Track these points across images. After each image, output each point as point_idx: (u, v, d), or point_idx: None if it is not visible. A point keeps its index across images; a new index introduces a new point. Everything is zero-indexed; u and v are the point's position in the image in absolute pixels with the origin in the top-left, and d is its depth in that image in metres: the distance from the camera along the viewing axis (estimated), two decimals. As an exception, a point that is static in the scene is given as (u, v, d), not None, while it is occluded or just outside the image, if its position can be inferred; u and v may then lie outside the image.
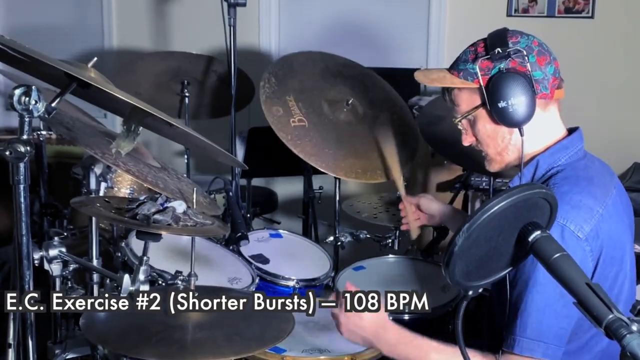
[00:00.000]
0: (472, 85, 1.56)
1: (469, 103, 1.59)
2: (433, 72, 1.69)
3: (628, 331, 0.93)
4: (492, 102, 1.52)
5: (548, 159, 1.56)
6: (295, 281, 2.07)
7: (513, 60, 1.52)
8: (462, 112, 1.61)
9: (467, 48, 1.61)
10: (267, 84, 2.33)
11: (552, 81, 1.55)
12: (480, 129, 1.60)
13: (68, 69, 1.21)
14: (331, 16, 3.94)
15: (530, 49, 1.53)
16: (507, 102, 1.50)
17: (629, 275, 1.57)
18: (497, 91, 1.51)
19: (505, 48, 1.51)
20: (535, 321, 1.41)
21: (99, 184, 1.86)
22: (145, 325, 1.49)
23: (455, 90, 1.61)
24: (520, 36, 1.55)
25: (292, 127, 2.24)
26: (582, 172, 1.53)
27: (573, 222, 1.41)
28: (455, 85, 1.60)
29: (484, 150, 1.64)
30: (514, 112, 1.51)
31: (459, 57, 1.62)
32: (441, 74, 1.63)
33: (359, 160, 2.29)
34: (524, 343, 1.42)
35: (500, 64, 1.52)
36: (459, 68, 1.59)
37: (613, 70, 3.60)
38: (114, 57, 4.20)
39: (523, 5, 3.68)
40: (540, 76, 1.53)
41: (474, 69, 1.55)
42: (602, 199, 1.49)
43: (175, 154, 3.89)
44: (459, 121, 1.63)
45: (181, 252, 1.99)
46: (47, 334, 1.83)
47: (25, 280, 1.30)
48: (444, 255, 1.08)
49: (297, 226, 3.10)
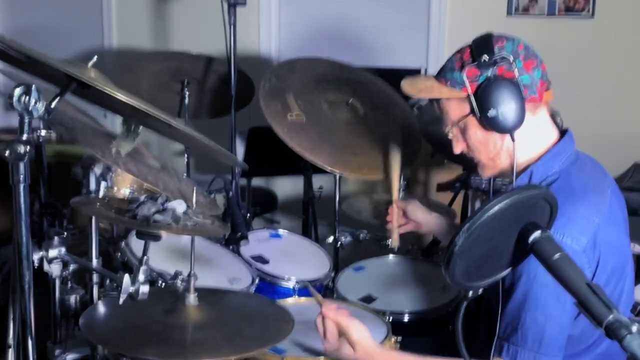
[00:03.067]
0: (461, 94, 1.54)
1: (458, 111, 1.56)
2: (420, 81, 1.66)
3: (628, 332, 0.93)
4: (481, 110, 1.50)
5: (541, 168, 1.55)
6: (295, 281, 2.07)
7: (500, 67, 1.49)
8: (452, 121, 1.59)
9: (452, 55, 1.59)
10: (268, 83, 2.33)
11: (541, 85, 1.53)
12: (472, 136, 1.58)
13: (68, 68, 1.21)
14: (331, 16, 3.94)
15: (516, 53, 1.51)
16: (496, 110, 1.48)
17: (628, 281, 1.56)
18: (486, 99, 1.49)
19: (492, 55, 1.49)
20: (537, 333, 1.40)
21: (99, 184, 1.86)
22: (145, 325, 1.50)
23: (444, 100, 1.59)
24: (506, 40, 1.53)
25: (288, 122, 2.22)
26: (576, 178, 1.52)
27: (570, 236, 1.40)
28: (443, 95, 1.57)
29: (476, 157, 1.62)
30: (504, 119, 1.49)
31: (445, 65, 1.59)
32: (429, 83, 1.60)
33: (356, 156, 2.29)
34: (525, 354, 1.42)
35: (487, 71, 1.50)
36: (446, 77, 1.56)
37: (613, 70, 3.59)
38: (114, 57, 4.20)
39: (523, 5, 3.68)
40: (528, 81, 1.51)
41: (461, 78, 1.52)
42: (598, 206, 1.48)
43: (175, 154, 3.89)
44: (450, 130, 1.60)
45: (181, 252, 1.99)
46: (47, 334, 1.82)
47: (25, 280, 1.30)
48: (444, 255, 1.08)
49: (297, 226, 3.10)
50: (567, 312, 1.41)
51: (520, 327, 1.42)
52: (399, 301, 2.01)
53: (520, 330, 1.42)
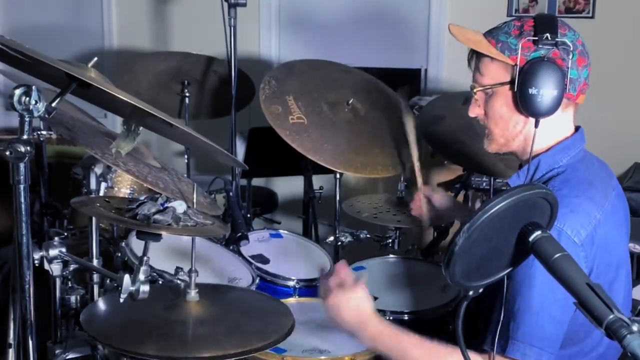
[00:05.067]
0: (508, 60, 1.49)
1: (496, 77, 1.51)
2: (469, 32, 1.57)
3: (629, 331, 0.93)
4: (522, 85, 1.46)
5: (550, 159, 1.53)
6: (295, 281, 2.07)
7: (556, 52, 1.47)
8: (484, 83, 1.53)
9: (510, 21, 1.54)
10: (267, 85, 2.33)
11: (583, 85, 1.52)
12: (496, 107, 1.53)
13: (68, 69, 1.21)
14: (331, 16, 3.94)
15: (575, 45, 1.49)
16: (537, 90, 1.44)
17: (624, 283, 1.55)
18: (532, 76, 1.45)
19: (555, 36, 1.46)
20: (529, 325, 1.39)
21: (99, 184, 1.86)
22: (146, 320, 1.50)
23: (487, 59, 1.52)
24: (568, 29, 1.51)
25: (290, 124, 2.23)
26: (583, 174, 1.51)
27: (570, 227, 1.39)
28: (491, 54, 1.51)
29: (490, 128, 1.58)
30: (540, 102, 1.45)
31: (500, 27, 1.53)
32: (478, 37, 1.54)
33: (358, 156, 2.29)
34: (517, 347, 1.39)
35: (543, 50, 1.46)
36: (499, 38, 1.51)
37: (613, 70, 3.59)
38: (114, 57, 4.20)
39: (523, 5, 3.68)
40: (575, 76, 1.49)
41: (515, 45, 1.47)
42: (601, 203, 1.46)
43: (175, 154, 3.89)
44: (478, 91, 1.55)
45: (181, 252, 1.99)
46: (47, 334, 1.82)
47: (25, 280, 1.30)
48: (444, 255, 1.08)
49: (297, 226, 3.10)
50: (560, 305, 1.39)
51: (513, 319, 1.40)
52: (399, 301, 2.01)
53: (512, 322, 1.40)
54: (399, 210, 2.45)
